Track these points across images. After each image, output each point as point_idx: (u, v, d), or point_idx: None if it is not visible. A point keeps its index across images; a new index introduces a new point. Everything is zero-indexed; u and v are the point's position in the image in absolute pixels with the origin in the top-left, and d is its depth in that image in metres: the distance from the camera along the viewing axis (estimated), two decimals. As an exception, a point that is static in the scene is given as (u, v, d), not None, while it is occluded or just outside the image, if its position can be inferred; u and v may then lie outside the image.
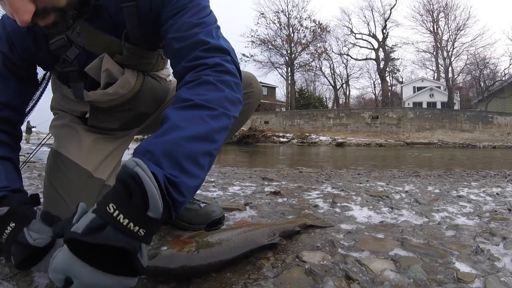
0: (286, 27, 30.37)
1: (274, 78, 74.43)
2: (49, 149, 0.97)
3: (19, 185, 0.73)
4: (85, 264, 0.44)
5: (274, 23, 30.51)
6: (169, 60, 0.96)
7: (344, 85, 35.42)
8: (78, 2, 0.64)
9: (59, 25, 0.62)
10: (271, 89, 35.19)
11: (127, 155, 0.89)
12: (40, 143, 1.23)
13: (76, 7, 0.64)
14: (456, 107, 29.16)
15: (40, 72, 0.88)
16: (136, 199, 0.46)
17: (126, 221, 0.45)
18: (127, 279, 0.47)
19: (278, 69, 31.96)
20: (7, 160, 0.75)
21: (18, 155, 0.81)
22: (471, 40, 29.66)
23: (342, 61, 42.68)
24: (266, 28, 37.52)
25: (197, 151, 0.55)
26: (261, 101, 1.30)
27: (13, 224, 0.60)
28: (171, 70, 1.04)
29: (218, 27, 0.74)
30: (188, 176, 0.53)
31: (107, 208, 0.45)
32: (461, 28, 29.13)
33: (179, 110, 0.58)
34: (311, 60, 32.03)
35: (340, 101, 35.07)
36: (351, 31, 32.42)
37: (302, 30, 30.28)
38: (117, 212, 0.45)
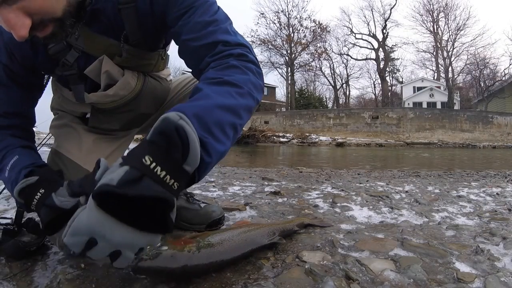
0: (286, 27, 30.37)
1: (274, 78, 74.41)
2: (49, 149, 0.97)
3: (44, 162, 0.76)
4: (117, 221, 0.42)
5: (274, 23, 30.53)
6: (168, 61, 0.97)
7: (344, 85, 35.46)
8: (75, 10, 0.64)
9: (57, 35, 0.62)
10: (271, 89, 35.19)
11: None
12: (40, 143, 1.23)
13: (73, 15, 0.64)
14: (456, 107, 29.16)
15: None
16: (175, 152, 0.45)
17: (163, 173, 0.44)
18: (155, 236, 0.46)
19: (278, 69, 31.99)
20: (27, 148, 0.78)
21: (36, 149, 0.83)
22: (471, 40, 29.71)
23: (342, 61, 42.75)
24: (266, 28, 37.64)
25: (225, 120, 0.56)
26: (261, 101, 1.30)
27: (43, 190, 0.63)
28: (171, 70, 1.03)
29: (231, 23, 0.74)
30: (216, 140, 0.53)
31: (143, 160, 0.43)
32: (461, 28, 29.16)
33: (209, 84, 0.60)
34: (311, 60, 32.05)
35: (340, 101, 35.10)
36: (351, 31, 32.46)
37: (302, 30, 30.28)
38: (154, 164, 0.43)
